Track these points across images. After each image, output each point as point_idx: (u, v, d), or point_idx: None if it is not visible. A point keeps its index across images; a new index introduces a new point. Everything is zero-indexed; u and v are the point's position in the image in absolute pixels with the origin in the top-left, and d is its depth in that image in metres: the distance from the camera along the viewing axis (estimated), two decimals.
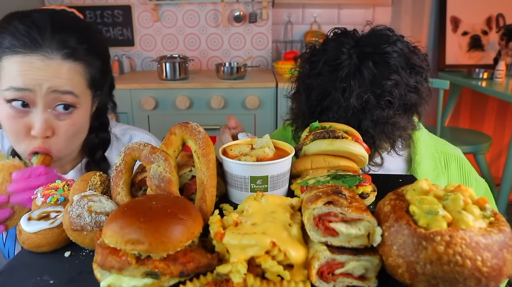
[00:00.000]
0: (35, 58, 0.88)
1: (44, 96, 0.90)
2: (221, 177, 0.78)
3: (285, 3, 3.42)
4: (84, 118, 1.00)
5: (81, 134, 1.03)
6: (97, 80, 1.00)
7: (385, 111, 0.95)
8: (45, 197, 0.74)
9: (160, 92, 2.87)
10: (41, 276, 0.58)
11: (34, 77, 0.88)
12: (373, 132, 0.97)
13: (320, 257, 0.54)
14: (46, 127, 0.91)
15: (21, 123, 0.91)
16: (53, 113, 0.92)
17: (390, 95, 0.94)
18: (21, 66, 0.88)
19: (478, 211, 0.51)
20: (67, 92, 0.91)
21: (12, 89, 0.88)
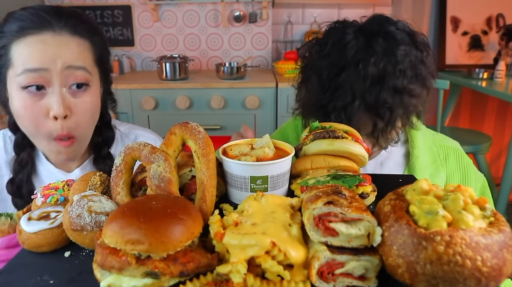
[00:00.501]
0: (45, 35, 0.90)
1: (60, 74, 0.90)
2: (221, 177, 0.78)
3: (285, 3, 3.42)
4: (97, 98, 1.01)
5: (96, 115, 1.03)
6: (102, 58, 1.03)
7: (400, 80, 0.97)
8: (45, 197, 0.74)
9: (160, 92, 2.87)
10: (41, 276, 0.58)
11: (48, 55, 0.89)
12: (392, 102, 0.97)
13: (320, 257, 0.54)
14: (65, 106, 0.91)
15: (38, 106, 0.91)
16: (68, 91, 0.93)
17: (402, 64, 0.97)
18: (33, 46, 0.90)
19: (478, 211, 0.51)
20: (80, 67, 0.93)
21: (28, 71, 0.89)
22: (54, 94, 0.91)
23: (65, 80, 0.92)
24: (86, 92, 0.96)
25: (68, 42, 0.93)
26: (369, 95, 0.97)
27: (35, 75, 0.89)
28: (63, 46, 0.92)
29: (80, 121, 0.96)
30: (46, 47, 0.90)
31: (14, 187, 1.03)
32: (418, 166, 1.16)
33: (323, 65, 1.02)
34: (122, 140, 1.19)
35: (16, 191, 1.03)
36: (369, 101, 0.97)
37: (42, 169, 1.08)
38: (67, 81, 0.92)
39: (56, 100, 0.90)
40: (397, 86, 0.97)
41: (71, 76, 0.92)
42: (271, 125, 2.96)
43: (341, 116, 0.99)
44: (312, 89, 1.06)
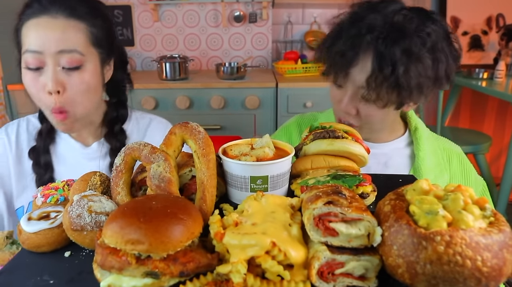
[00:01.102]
0: (42, 19, 1.01)
1: (53, 56, 1.00)
2: (221, 177, 0.78)
3: (285, 3, 3.42)
4: (94, 78, 1.08)
5: (93, 94, 1.10)
6: (101, 39, 1.09)
7: (421, 39, 1.00)
8: (45, 197, 0.74)
9: (160, 92, 2.87)
10: (41, 276, 0.58)
11: (43, 39, 1.00)
12: (398, 58, 0.99)
13: (320, 257, 0.54)
14: (57, 83, 1.01)
15: (38, 82, 1.02)
16: (62, 70, 1.02)
17: (428, 36, 1.01)
18: (32, 29, 1.01)
19: (478, 211, 0.51)
20: (72, 51, 1.02)
21: (28, 51, 1.01)
22: (48, 72, 1.01)
23: (58, 61, 1.01)
24: (79, 71, 1.04)
25: (62, 26, 1.01)
26: (381, 42, 1.00)
27: (33, 56, 1.00)
28: (57, 30, 1.00)
29: (73, 97, 1.04)
30: (41, 31, 1.00)
31: (35, 154, 1.16)
32: (423, 168, 1.17)
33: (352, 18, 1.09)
34: (137, 120, 1.29)
35: (36, 158, 1.16)
36: (380, 48, 1.00)
37: (60, 142, 1.20)
38: (60, 62, 1.02)
39: (50, 78, 1.00)
40: (419, 40, 1.00)
41: (63, 59, 1.01)
42: (271, 125, 2.96)
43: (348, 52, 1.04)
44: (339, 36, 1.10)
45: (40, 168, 1.15)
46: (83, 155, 1.19)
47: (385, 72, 1.00)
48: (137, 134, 1.27)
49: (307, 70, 3.12)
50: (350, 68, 1.06)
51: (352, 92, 1.09)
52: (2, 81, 2.73)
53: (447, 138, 1.32)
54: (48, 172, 1.16)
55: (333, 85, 1.16)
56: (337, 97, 1.15)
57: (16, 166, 1.17)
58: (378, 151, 1.19)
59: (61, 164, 1.19)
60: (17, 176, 1.17)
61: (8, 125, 1.24)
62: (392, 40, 0.99)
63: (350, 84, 1.09)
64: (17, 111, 2.85)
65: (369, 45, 1.02)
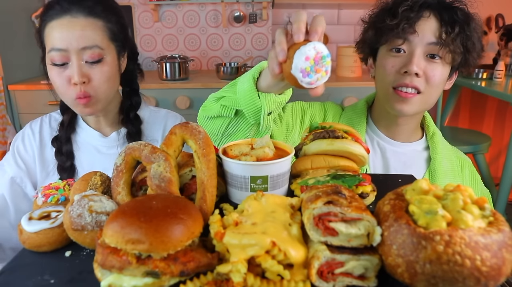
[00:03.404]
0: (65, 19, 1.11)
1: (77, 53, 1.11)
2: (221, 177, 0.79)
3: (285, 3, 3.42)
4: (113, 69, 1.20)
5: (112, 83, 1.21)
6: (116, 33, 1.21)
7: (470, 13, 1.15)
8: (45, 197, 0.74)
9: (160, 92, 2.87)
10: (41, 276, 0.58)
11: (65, 37, 1.10)
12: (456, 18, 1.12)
13: (320, 257, 0.54)
14: (82, 75, 1.12)
15: (63, 76, 1.13)
16: (86, 64, 1.14)
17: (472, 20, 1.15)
18: (56, 29, 1.11)
19: (477, 211, 0.51)
20: (94, 46, 1.13)
21: (53, 50, 1.11)
22: (73, 67, 1.12)
23: (82, 56, 1.12)
24: (101, 64, 1.15)
25: (83, 25, 1.12)
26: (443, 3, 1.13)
27: (58, 54, 1.11)
28: (78, 28, 1.11)
29: (97, 86, 1.16)
30: (64, 31, 1.11)
31: (57, 143, 1.27)
32: (439, 171, 1.23)
33: None
34: (153, 111, 1.41)
35: (58, 146, 1.27)
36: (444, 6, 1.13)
37: (81, 132, 1.31)
38: (83, 57, 1.13)
39: (75, 71, 1.11)
40: (468, 13, 1.15)
41: (86, 54, 1.12)
42: None
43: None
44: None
45: (62, 156, 1.26)
46: (103, 143, 1.30)
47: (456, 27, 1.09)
48: (153, 124, 1.37)
49: None
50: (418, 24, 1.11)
51: (420, 50, 1.12)
52: (2, 81, 2.73)
53: (447, 138, 1.36)
54: (69, 160, 1.26)
55: (387, 55, 1.18)
56: (397, 64, 1.15)
57: (40, 156, 1.28)
58: (399, 150, 1.27)
59: (82, 152, 1.29)
60: (41, 165, 1.27)
61: (32, 122, 1.34)
62: (451, 4, 1.14)
63: (418, 41, 1.12)
64: (18, 111, 2.85)
65: (431, 5, 1.12)
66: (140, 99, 1.38)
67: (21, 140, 1.29)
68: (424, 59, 1.13)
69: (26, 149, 1.28)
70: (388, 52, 1.18)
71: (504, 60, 3.25)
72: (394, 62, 1.16)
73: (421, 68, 1.12)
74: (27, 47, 2.96)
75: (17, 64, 2.86)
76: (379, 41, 1.20)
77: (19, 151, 1.28)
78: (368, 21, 1.24)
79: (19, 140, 1.29)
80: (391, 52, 1.17)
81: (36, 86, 2.78)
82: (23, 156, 1.27)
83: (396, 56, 1.16)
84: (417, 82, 1.13)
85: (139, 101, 1.37)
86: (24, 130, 1.32)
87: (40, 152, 1.28)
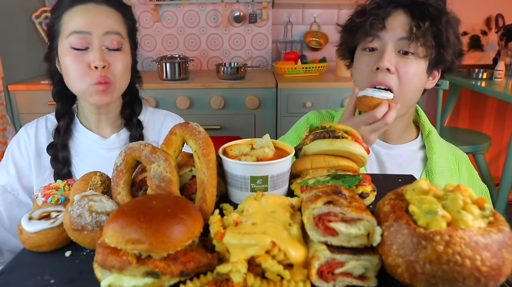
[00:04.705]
0: (89, 5, 1.15)
1: (100, 37, 1.13)
2: (221, 177, 0.79)
3: (285, 3, 3.42)
4: (129, 61, 1.22)
5: (127, 75, 1.23)
6: (132, 31, 1.25)
7: (444, 9, 1.13)
8: (45, 197, 0.74)
9: (160, 92, 2.87)
10: (41, 276, 0.59)
11: (90, 21, 1.13)
12: (430, 13, 1.10)
13: (320, 257, 0.54)
14: (103, 59, 1.13)
15: (82, 61, 1.13)
16: (106, 50, 1.15)
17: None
18: (79, 14, 1.14)
19: (477, 211, 0.51)
20: (116, 33, 1.16)
21: (75, 32, 1.12)
22: (95, 50, 1.13)
23: (104, 41, 1.14)
24: (120, 52, 1.18)
25: (107, 12, 1.16)
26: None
27: (80, 37, 1.12)
28: (103, 14, 1.15)
29: (116, 71, 1.17)
30: (89, 15, 1.14)
31: (53, 150, 1.24)
32: (436, 170, 1.21)
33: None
34: (152, 113, 1.39)
35: (54, 154, 1.24)
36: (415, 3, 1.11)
37: (79, 136, 1.28)
38: (105, 43, 1.15)
39: (96, 54, 1.13)
40: (441, 8, 1.12)
41: (109, 39, 1.15)
42: (271, 125, 2.96)
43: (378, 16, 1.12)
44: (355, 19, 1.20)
45: (58, 163, 1.23)
46: (102, 146, 1.28)
47: (426, 21, 1.08)
48: (153, 128, 1.36)
49: (307, 70, 3.13)
50: (387, 20, 1.11)
51: (391, 46, 1.11)
52: (2, 81, 2.73)
53: (447, 138, 1.35)
54: (66, 167, 1.24)
55: (361, 54, 1.19)
56: (370, 63, 1.15)
57: (36, 161, 1.25)
58: (394, 152, 1.26)
59: (80, 156, 1.27)
60: (37, 170, 1.25)
61: (28, 124, 1.31)
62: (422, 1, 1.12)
63: (389, 38, 1.12)
64: (18, 111, 2.85)
65: (400, 2, 1.12)
66: (141, 104, 1.36)
67: (17, 145, 1.27)
68: (396, 55, 1.12)
69: (21, 154, 1.25)
70: (362, 52, 1.18)
71: (504, 60, 3.25)
72: (367, 61, 1.16)
73: (393, 64, 1.11)
74: (27, 47, 2.96)
75: (17, 64, 2.86)
76: (352, 42, 1.21)
77: (13, 156, 1.25)
78: (342, 25, 1.26)
79: (15, 145, 1.27)
80: (364, 51, 1.18)
81: (36, 86, 2.78)
82: (17, 161, 1.24)
83: (369, 54, 1.16)
84: (390, 79, 1.12)
85: (139, 105, 1.36)
86: (20, 134, 1.29)
87: (36, 156, 1.25)
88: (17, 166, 1.24)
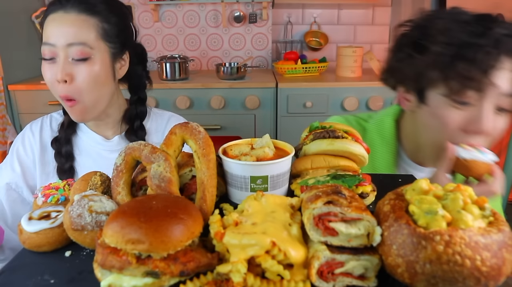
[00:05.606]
0: (58, 14, 1.11)
1: (63, 49, 1.09)
2: (221, 177, 0.79)
3: (285, 4, 3.42)
4: (102, 70, 1.15)
5: (100, 86, 1.16)
6: (113, 35, 1.17)
7: None
8: (45, 197, 0.74)
9: (160, 92, 2.87)
10: (41, 276, 0.59)
11: (55, 32, 1.10)
12: None
13: (320, 257, 0.54)
14: (65, 74, 1.09)
15: (50, 72, 1.12)
16: (71, 62, 1.11)
17: None
18: (49, 23, 1.11)
19: (477, 211, 0.51)
20: (81, 44, 1.10)
21: (44, 44, 1.11)
22: (59, 64, 1.10)
23: (68, 53, 1.10)
24: (87, 63, 1.11)
25: (73, 20, 1.10)
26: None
27: (47, 48, 1.10)
28: (68, 24, 1.10)
29: (80, 86, 1.12)
30: (55, 25, 1.10)
31: (57, 144, 1.25)
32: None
33: None
34: (156, 116, 1.36)
35: (58, 148, 1.24)
36: None
37: (82, 134, 1.28)
38: (70, 54, 1.10)
39: (59, 68, 1.09)
40: None
41: (73, 51, 1.10)
42: (271, 125, 2.96)
43: None
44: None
45: (61, 157, 1.24)
46: (104, 147, 1.27)
47: None
48: (156, 131, 1.33)
49: (307, 70, 3.13)
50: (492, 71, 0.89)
51: (492, 104, 0.92)
52: (2, 81, 2.73)
53: None
54: (69, 161, 1.24)
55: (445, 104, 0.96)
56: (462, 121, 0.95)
57: (41, 158, 1.26)
58: (425, 175, 1.13)
59: (83, 155, 1.27)
60: (41, 167, 1.25)
61: (33, 122, 1.32)
62: None
63: (491, 94, 0.91)
64: (18, 111, 2.85)
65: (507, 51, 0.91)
66: (146, 109, 1.33)
67: (21, 142, 1.27)
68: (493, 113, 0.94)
69: (26, 151, 1.26)
70: (447, 101, 0.95)
71: None
72: (457, 117, 0.96)
73: (491, 126, 0.94)
74: (27, 47, 2.96)
75: (17, 64, 2.86)
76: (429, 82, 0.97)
77: (18, 153, 1.26)
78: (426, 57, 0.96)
79: (19, 142, 1.27)
80: (452, 102, 0.95)
81: (36, 86, 2.78)
82: (22, 159, 1.25)
83: (460, 109, 0.95)
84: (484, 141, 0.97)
85: (144, 111, 1.32)
86: (24, 131, 1.29)
87: (41, 153, 1.26)
88: (22, 163, 1.24)
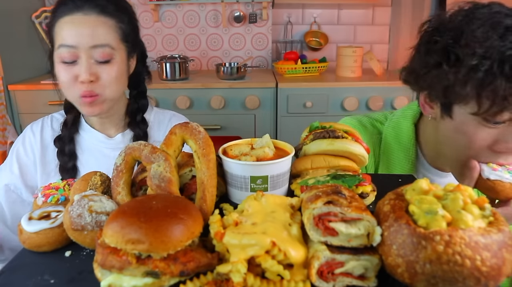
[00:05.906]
0: (76, 16, 1.10)
1: (86, 51, 1.10)
2: (221, 177, 0.79)
3: (285, 3, 3.42)
4: (122, 69, 1.18)
5: (120, 84, 1.19)
6: (128, 34, 1.20)
7: None
8: (45, 197, 0.74)
9: (160, 92, 2.87)
10: (41, 276, 0.59)
11: (77, 34, 1.09)
12: None
13: (320, 257, 0.54)
14: (90, 73, 1.10)
15: (70, 73, 1.11)
16: (95, 63, 1.12)
17: None
18: (67, 26, 1.10)
19: (477, 211, 0.51)
20: (105, 45, 1.12)
21: (62, 46, 1.10)
22: (82, 65, 1.10)
23: (92, 55, 1.11)
24: (110, 64, 1.14)
25: (95, 22, 1.11)
26: None
27: (67, 51, 1.10)
28: (90, 26, 1.10)
29: (105, 85, 1.14)
30: (76, 27, 1.10)
31: (60, 143, 1.25)
32: None
33: None
34: (158, 113, 1.38)
35: (61, 146, 1.24)
36: None
37: (85, 134, 1.28)
38: (93, 56, 1.11)
39: (83, 70, 1.10)
40: None
41: (96, 53, 1.11)
42: (271, 125, 2.96)
43: None
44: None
45: (64, 156, 1.24)
46: (107, 145, 1.27)
47: None
48: (158, 127, 1.35)
49: (307, 70, 3.13)
50: None
51: None
52: (2, 81, 2.73)
53: None
54: (72, 160, 1.24)
55: (476, 123, 0.90)
56: (490, 139, 0.91)
57: (41, 159, 1.26)
58: (446, 180, 1.11)
59: (85, 153, 1.27)
60: (42, 167, 1.25)
61: (34, 123, 1.32)
62: None
63: None
64: (18, 111, 2.85)
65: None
66: (147, 102, 1.35)
67: (22, 143, 1.27)
68: None
69: (26, 152, 1.26)
70: (478, 119, 0.89)
71: None
72: (486, 136, 0.90)
73: None
74: (27, 47, 2.96)
75: (17, 64, 2.86)
76: (458, 98, 0.89)
77: (18, 154, 1.25)
78: (458, 70, 0.86)
79: (20, 143, 1.27)
80: (484, 122, 0.88)
81: (36, 86, 2.78)
82: (22, 160, 1.25)
83: (490, 127, 0.89)
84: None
85: (146, 104, 1.35)
86: (25, 132, 1.29)
87: (42, 153, 1.26)
88: (21, 165, 1.24)
